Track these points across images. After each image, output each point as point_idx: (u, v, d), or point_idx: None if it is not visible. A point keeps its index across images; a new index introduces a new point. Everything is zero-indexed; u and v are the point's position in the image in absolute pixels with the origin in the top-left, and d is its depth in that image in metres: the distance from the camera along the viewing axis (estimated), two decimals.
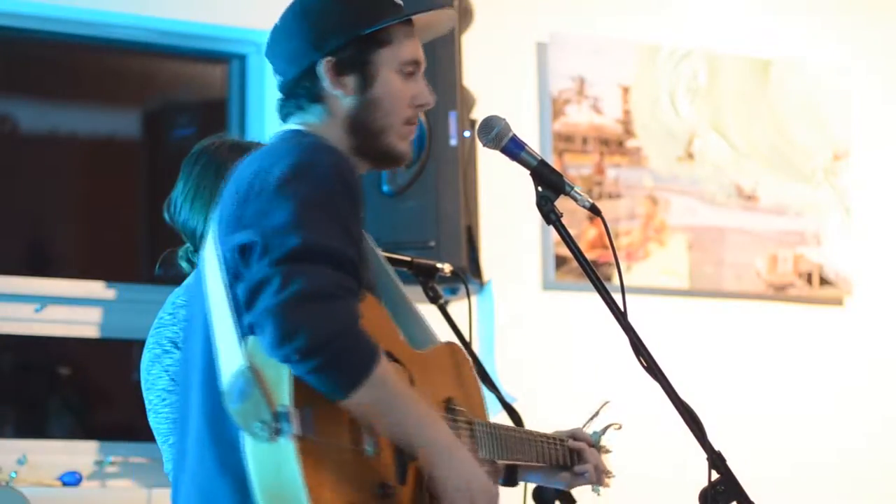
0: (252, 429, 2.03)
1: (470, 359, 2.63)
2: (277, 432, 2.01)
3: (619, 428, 2.82)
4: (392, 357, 2.25)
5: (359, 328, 2.08)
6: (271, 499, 2.04)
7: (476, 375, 2.60)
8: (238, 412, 2.05)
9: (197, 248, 2.90)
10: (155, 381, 2.79)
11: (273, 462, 2.02)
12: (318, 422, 2.05)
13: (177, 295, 2.83)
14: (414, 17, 2.42)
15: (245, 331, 2.11)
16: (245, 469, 2.07)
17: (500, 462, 2.55)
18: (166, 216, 2.91)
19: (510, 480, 2.70)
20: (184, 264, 2.95)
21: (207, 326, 2.23)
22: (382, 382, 2.11)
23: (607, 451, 2.82)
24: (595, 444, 2.76)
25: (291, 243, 2.08)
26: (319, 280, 2.06)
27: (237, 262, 2.17)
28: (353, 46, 2.37)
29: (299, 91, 2.40)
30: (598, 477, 2.74)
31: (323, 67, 2.36)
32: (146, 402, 2.82)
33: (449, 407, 2.42)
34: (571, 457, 2.72)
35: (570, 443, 2.71)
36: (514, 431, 2.60)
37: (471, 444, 2.40)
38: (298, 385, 2.05)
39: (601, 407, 2.80)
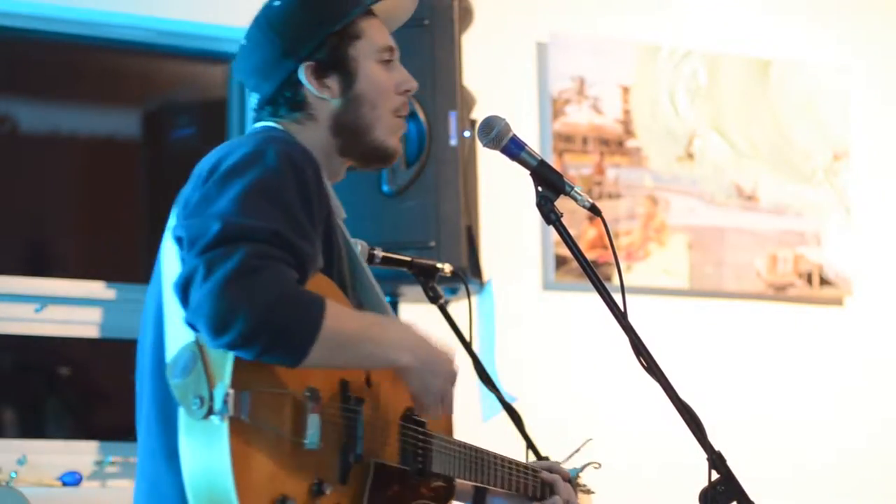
0: (189, 404, 1.97)
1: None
2: (212, 411, 1.96)
3: (599, 467, 2.74)
4: None
5: (293, 290, 2.02)
6: (198, 478, 1.99)
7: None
8: (178, 386, 2.00)
9: None
10: None
11: (204, 440, 1.98)
12: (256, 407, 1.99)
13: None
14: (375, 8, 2.41)
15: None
16: None
17: (461, 481, 2.47)
18: None
19: (478, 502, 2.63)
20: None
21: (160, 308, 2.19)
22: (335, 333, 2.05)
23: (587, 492, 2.75)
24: (572, 480, 2.68)
25: (213, 230, 2.02)
26: (239, 257, 1.98)
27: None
28: (327, 46, 2.36)
29: (279, 101, 2.38)
30: None
31: (304, 73, 2.35)
32: None
33: (407, 416, 2.33)
34: (542, 489, 2.63)
35: (544, 475, 2.63)
36: (483, 454, 2.51)
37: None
38: (241, 366, 1.99)
39: (583, 444, 2.74)
